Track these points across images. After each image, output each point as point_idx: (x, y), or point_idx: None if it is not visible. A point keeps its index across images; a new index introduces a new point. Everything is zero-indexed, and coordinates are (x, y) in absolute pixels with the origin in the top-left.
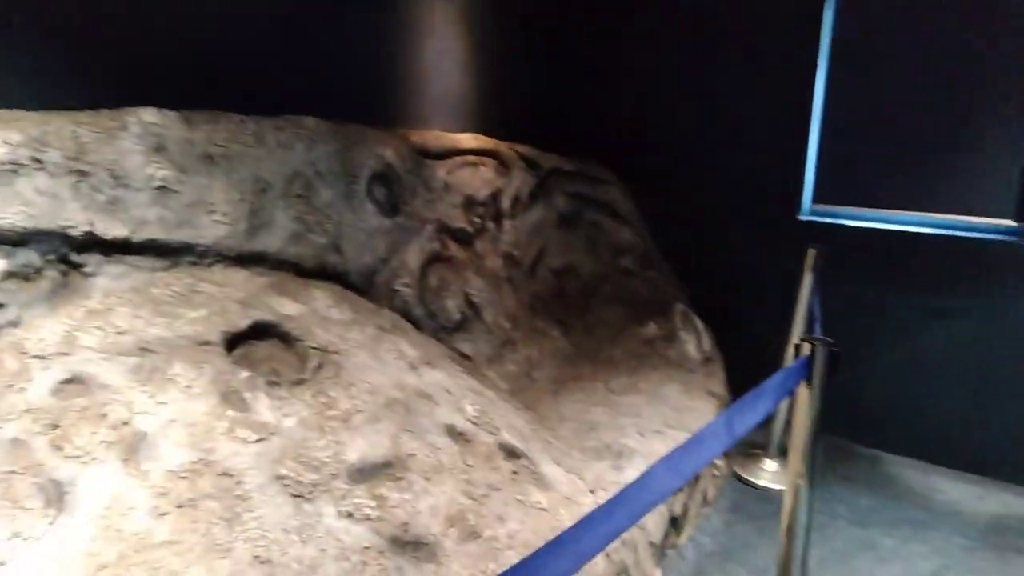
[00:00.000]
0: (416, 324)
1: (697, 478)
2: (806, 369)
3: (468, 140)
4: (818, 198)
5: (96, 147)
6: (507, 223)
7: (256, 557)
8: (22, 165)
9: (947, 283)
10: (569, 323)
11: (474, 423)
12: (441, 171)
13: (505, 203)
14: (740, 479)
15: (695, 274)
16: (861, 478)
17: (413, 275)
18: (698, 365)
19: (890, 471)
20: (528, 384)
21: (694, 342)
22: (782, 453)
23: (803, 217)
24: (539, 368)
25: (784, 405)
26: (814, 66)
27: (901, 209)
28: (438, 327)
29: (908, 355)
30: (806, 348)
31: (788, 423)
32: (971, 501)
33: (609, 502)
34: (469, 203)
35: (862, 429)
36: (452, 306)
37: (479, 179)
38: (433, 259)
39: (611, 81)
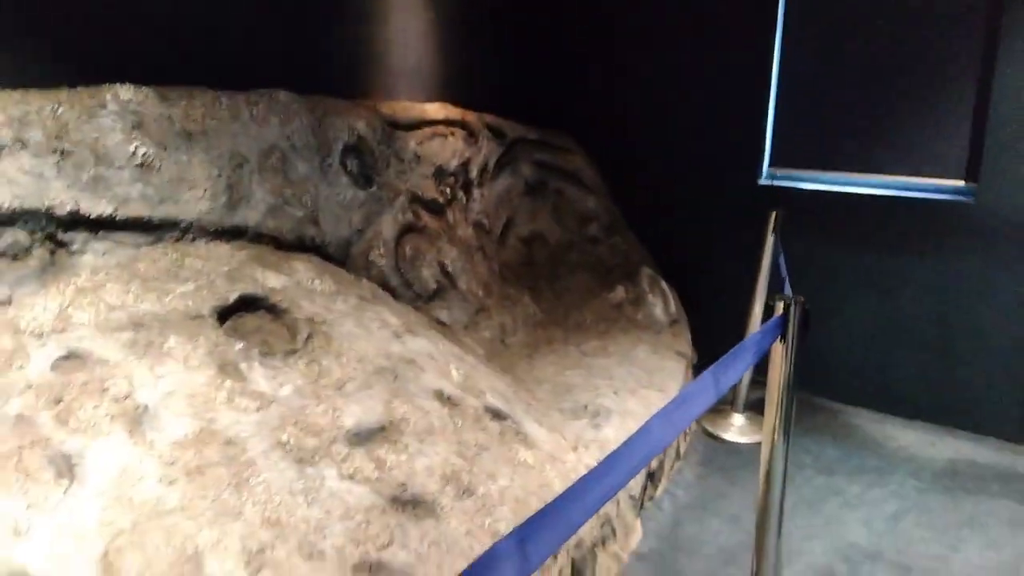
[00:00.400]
0: (393, 294)
1: None
2: (780, 327)
3: (436, 110)
4: (776, 162)
5: (77, 126)
6: (476, 192)
7: (266, 519)
8: (5, 145)
9: (902, 242)
10: (539, 290)
11: (459, 387)
12: (411, 142)
13: (474, 172)
14: (708, 434)
15: (660, 239)
16: (824, 429)
17: (388, 246)
18: (665, 327)
19: (850, 422)
20: (503, 350)
21: (661, 305)
22: (748, 408)
23: (763, 182)
24: (512, 334)
25: None
26: (772, 33)
27: (857, 172)
28: (414, 296)
29: (866, 312)
30: (780, 307)
31: (753, 380)
32: (925, 448)
33: (612, 455)
34: (439, 173)
35: (822, 383)
36: (427, 275)
37: (448, 149)
38: (407, 229)
39: (575, 51)
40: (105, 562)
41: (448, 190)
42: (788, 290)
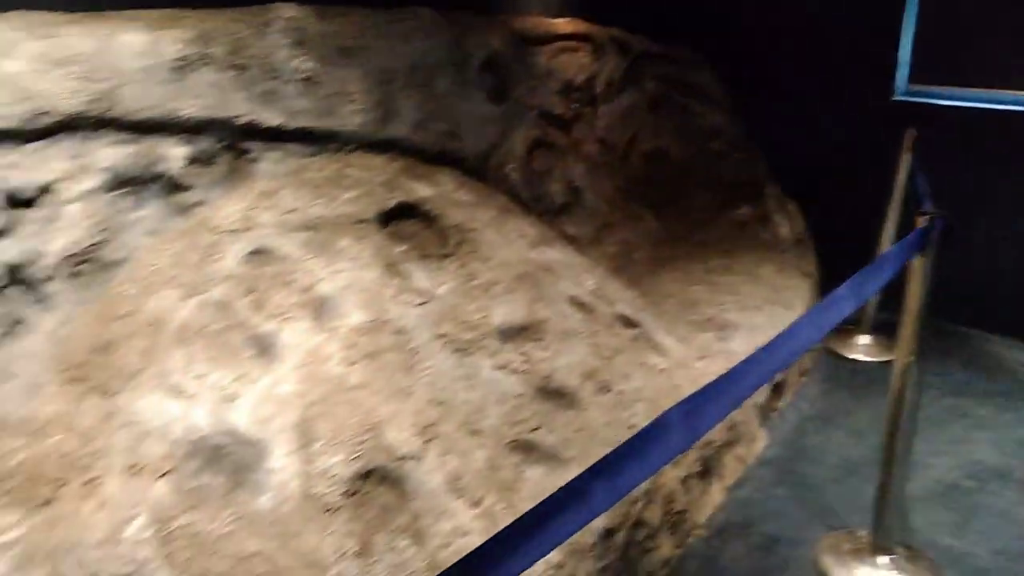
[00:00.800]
0: (524, 206)
1: None
2: (922, 241)
3: (564, 25)
4: (915, 77)
5: (250, 42)
6: (601, 108)
7: (433, 399)
8: (192, 61)
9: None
10: (662, 207)
11: (592, 295)
12: (541, 57)
13: (599, 87)
14: (833, 353)
15: (786, 157)
16: (953, 353)
17: (520, 160)
18: (791, 246)
19: (980, 347)
20: (628, 264)
21: (786, 224)
22: (874, 329)
23: (898, 98)
24: (636, 250)
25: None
26: None
27: (1003, 88)
28: (543, 209)
29: (1000, 236)
30: (922, 221)
31: (880, 303)
32: None
33: (766, 346)
34: (567, 88)
35: (953, 307)
36: (555, 190)
37: (575, 64)
38: (536, 144)
39: None
40: (302, 427)
41: (575, 105)
42: (928, 207)
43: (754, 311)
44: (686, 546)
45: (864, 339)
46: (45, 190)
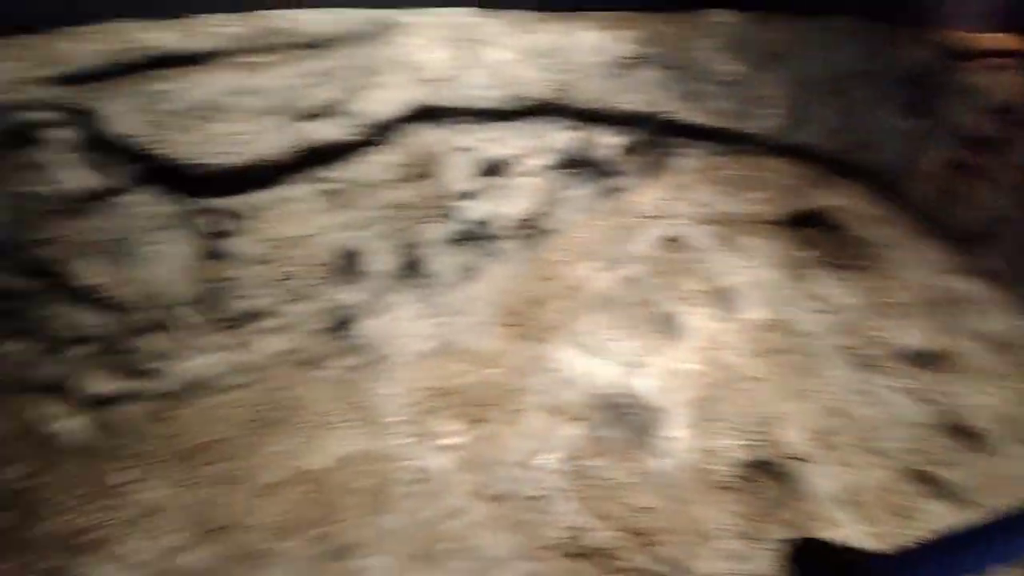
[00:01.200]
0: (935, 229)
1: None
2: None
3: (993, 40)
4: None
5: (685, 45)
6: None
7: (831, 407)
8: (635, 60)
9: None
10: None
11: (1009, 333)
12: (966, 74)
13: (1019, 111)
14: None
15: None
16: None
17: (935, 180)
18: None
19: None
20: None
21: None
22: None
23: None
24: None
25: None
26: None
27: None
28: (957, 236)
29: None
30: None
31: None
32: None
33: None
34: (993, 108)
35: None
36: (973, 217)
37: (1005, 83)
38: (956, 165)
39: None
40: (700, 405)
41: (998, 127)
42: None
43: None
44: None
45: None
46: (510, 163)
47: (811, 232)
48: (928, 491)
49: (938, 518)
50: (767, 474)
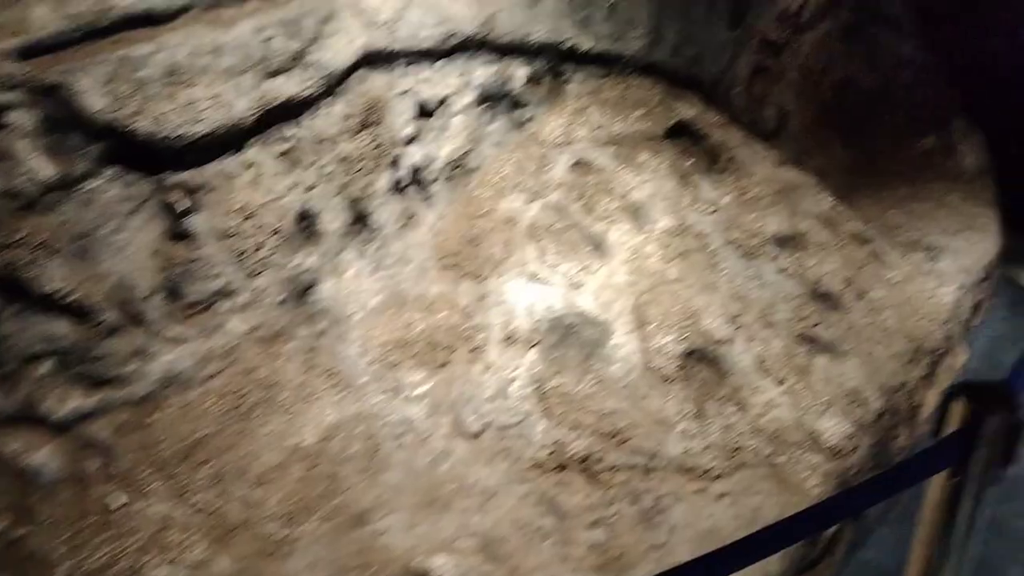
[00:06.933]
0: (745, 129)
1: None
2: None
3: None
4: None
5: None
6: (806, 35)
7: (734, 294)
8: None
9: None
10: (850, 135)
11: (833, 211)
12: None
13: (806, 15)
14: (1011, 282)
15: (976, 89)
16: None
17: (743, 84)
18: (974, 177)
19: None
20: (838, 183)
21: (971, 155)
22: None
23: None
24: (829, 176)
25: None
26: None
27: None
28: (759, 133)
29: None
30: None
31: None
32: None
33: None
34: (784, 15)
35: None
36: (769, 115)
37: None
38: (757, 70)
39: None
40: (636, 311)
41: (788, 32)
42: None
43: (953, 235)
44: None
45: None
46: (442, 102)
47: (684, 142)
48: (814, 349)
49: (825, 368)
50: (700, 361)
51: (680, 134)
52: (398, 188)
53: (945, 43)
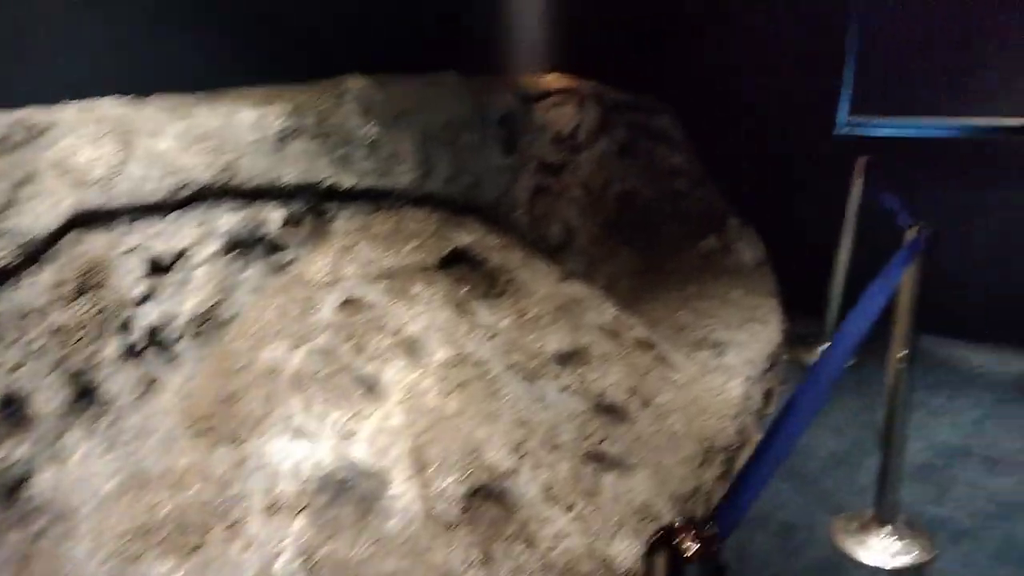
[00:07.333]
0: (532, 247)
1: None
2: (914, 251)
3: (554, 81)
4: (861, 110)
5: (327, 112)
6: (583, 155)
7: (517, 420)
8: (290, 133)
9: (976, 181)
10: (635, 242)
11: (616, 321)
12: (539, 111)
13: (581, 137)
14: (798, 363)
15: (744, 191)
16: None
17: (525, 205)
18: (753, 270)
19: (923, 346)
20: (617, 295)
21: (748, 250)
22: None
23: (839, 131)
24: (620, 281)
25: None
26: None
27: (941, 115)
28: (546, 249)
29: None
30: (912, 233)
31: (839, 311)
32: (995, 366)
33: (816, 367)
34: (558, 139)
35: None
36: (554, 231)
37: (564, 117)
38: (538, 191)
39: (662, 20)
40: (414, 454)
41: (564, 153)
42: (906, 221)
43: (736, 330)
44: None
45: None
46: (180, 255)
47: (460, 270)
48: (601, 467)
49: (613, 486)
50: (485, 499)
51: (456, 262)
52: (133, 353)
53: (711, 154)
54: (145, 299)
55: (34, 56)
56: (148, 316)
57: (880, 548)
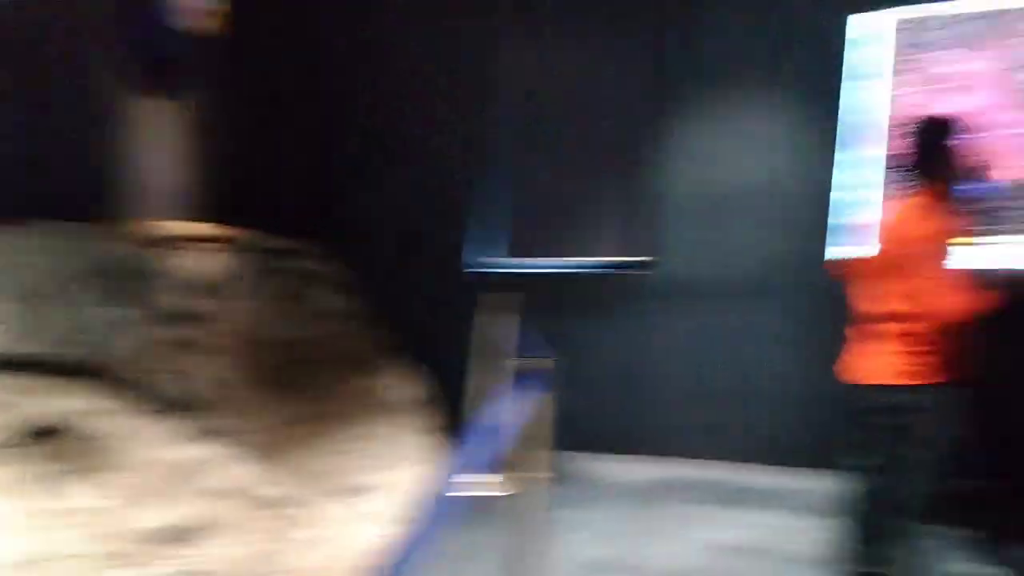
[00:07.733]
0: (165, 406)
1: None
2: (535, 385)
3: (200, 228)
4: (510, 251)
5: None
6: (236, 304)
7: None
8: None
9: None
10: (293, 389)
11: (245, 482)
12: (168, 259)
13: (233, 285)
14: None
15: (398, 328)
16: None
17: (146, 360)
18: (408, 407)
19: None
20: (271, 444)
21: (403, 387)
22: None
23: (471, 270)
24: (276, 431)
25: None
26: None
27: (558, 256)
28: (190, 407)
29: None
30: (546, 364)
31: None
32: (623, 475)
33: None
34: (199, 287)
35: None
36: (201, 387)
37: (212, 264)
38: (177, 344)
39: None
40: None
41: (207, 302)
42: (532, 354)
43: (388, 470)
44: None
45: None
46: None
47: (56, 444)
48: None
49: None
50: None
51: (52, 434)
52: None
53: (365, 289)
54: None
55: None
56: None
57: None
